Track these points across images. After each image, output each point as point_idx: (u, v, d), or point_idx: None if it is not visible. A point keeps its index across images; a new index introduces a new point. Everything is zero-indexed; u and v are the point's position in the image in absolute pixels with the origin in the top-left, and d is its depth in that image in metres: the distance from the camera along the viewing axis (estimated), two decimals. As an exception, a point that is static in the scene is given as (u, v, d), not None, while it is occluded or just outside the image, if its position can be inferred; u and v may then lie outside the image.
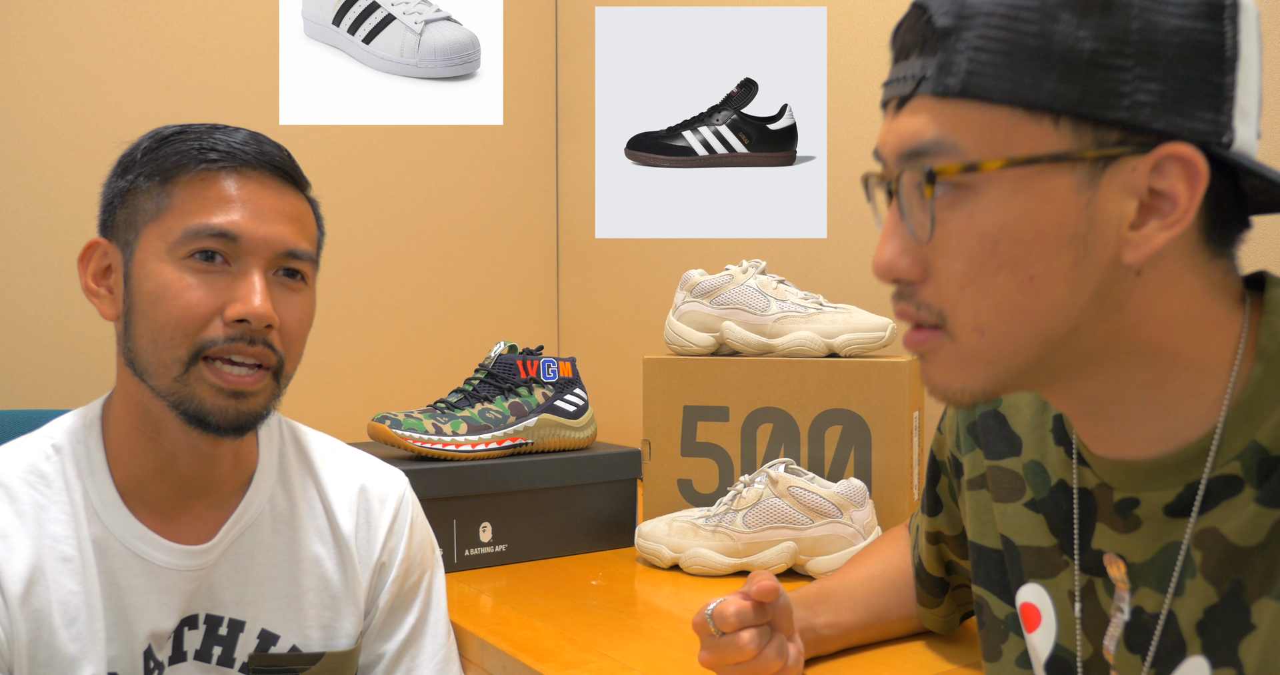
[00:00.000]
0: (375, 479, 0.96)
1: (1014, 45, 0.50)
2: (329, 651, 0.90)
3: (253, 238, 0.79)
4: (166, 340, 0.78)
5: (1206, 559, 0.55)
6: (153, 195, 0.80)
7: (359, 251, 1.85)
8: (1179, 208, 0.51)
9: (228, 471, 0.87)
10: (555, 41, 2.11)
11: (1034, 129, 0.51)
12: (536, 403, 1.31)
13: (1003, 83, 0.50)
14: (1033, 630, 0.68)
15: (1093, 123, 0.50)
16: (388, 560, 0.94)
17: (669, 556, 1.19)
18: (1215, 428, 0.55)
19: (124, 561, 0.81)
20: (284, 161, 0.84)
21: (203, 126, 0.83)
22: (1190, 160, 0.50)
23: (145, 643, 0.81)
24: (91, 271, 0.84)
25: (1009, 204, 0.51)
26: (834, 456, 1.22)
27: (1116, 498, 0.60)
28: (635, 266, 1.92)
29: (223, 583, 0.86)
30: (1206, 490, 0.55)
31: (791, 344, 1.24)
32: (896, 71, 0.56)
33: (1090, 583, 0.64)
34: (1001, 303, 0.52)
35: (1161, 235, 0.51)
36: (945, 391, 0.57)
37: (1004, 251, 0.51)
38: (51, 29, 1.55)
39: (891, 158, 0.56)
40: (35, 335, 1.52)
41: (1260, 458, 0.54)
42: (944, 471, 0.82)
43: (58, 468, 0.82)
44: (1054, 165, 0.50)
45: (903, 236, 0.55)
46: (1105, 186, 0.51)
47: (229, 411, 0.79)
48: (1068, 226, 0.51)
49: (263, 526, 0.88)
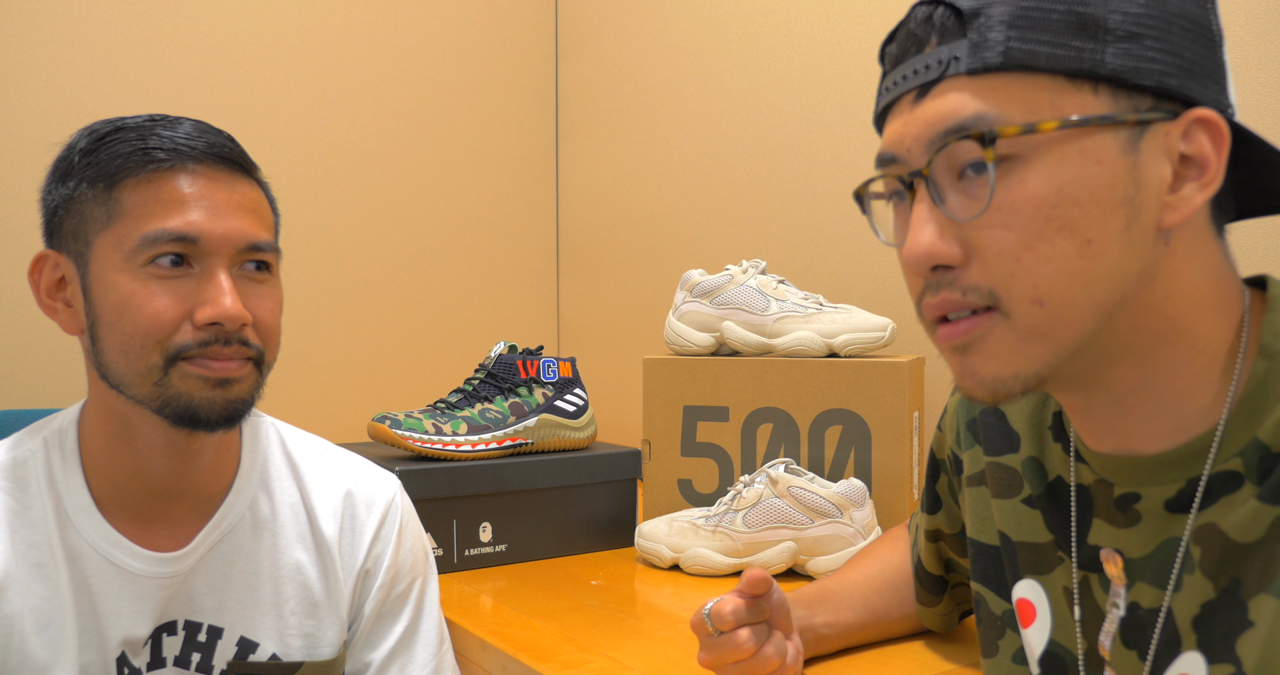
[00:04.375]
0: (363, 483, 0.94)
1: (1046, 17, 0.52)
2: (310, 661, 0.88)
3: (212, 236, 0.77)
4: (138, 350, 0.76)
5: (1205, 555, 0.56)
6: (100, 202, 0.77)
7: (359, 251, 1.85)
8: (1210, 169, 0.53)
9: (207, 474, 0.85)
10: (555, 41, 2.11)
11: (1076, 96, 0.52)
12: (536, 403, 1.31)
13: (1044, 52, 0.52)
14: (1028, 626, 0.68)
15: (1128, 90, 0.52)
16: (373, 567, 0.92)
17: (669, 556, 1.19)
18: (1219, 423, 0.55)
19: (97, 567, 0.80)
20: (231, 151, 0.80)
21: (139, 120, 0.79)
22: (1215, 123, 0.53)
23: (119, 649, 0.80)
24: (44, 286, 0.81)
25: (1062, 168, 0.52)
26: (834, 456, 1.22)
27: (1116, 493, 0.61)
28: (635, 266, 1.92)
29: (201, 589, 0.84)
30: (1207, 486, 0.56)
31: (791, 344, 1.24)
32: (907, 68, 0.56)
33: (1086, 579, 0.64)
34: (1061, 268, 0.52)
35: (1199, 196, 0.53)
36: (996, 382, 0.55)
37: (1061, 214, 0.52)
38: (51, 29, 1.55)
39: (919, 145, 0.55)
40: (35, 335, 1.52)
41: (1261, 454, 0.54)
42: (944, 469, 0.82)
43: (33, 473, 0.81)
44: (1101, 128, 0.52)
45: (938, 222, 0.55)
46: (1145, 150, 0.53)
47: (217, 402, 0.77)
48: (1118, 188, 0.52)
49: (243, 532, 0.87)
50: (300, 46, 1.78)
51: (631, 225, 1.93)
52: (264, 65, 1.74)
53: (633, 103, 1.91)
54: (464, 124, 1.98)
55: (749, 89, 1.65)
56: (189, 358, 0.76)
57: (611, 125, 1.97)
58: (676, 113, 1.81)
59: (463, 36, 1.98)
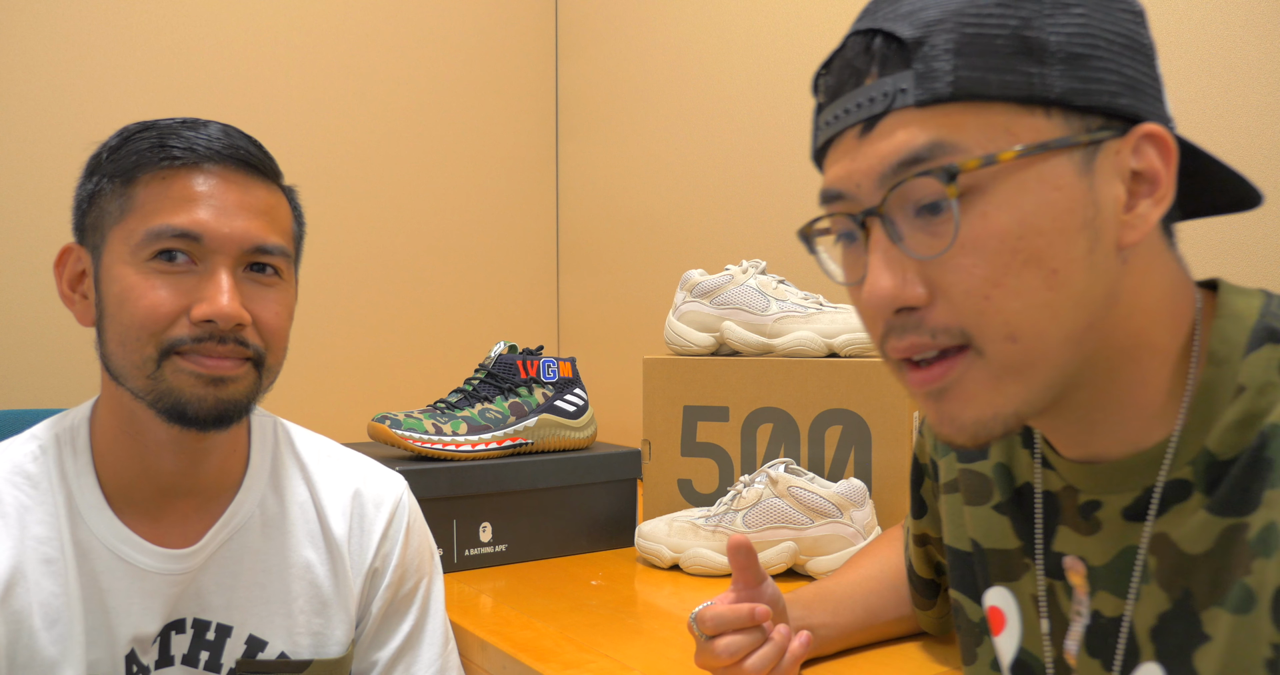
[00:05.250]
0: (371, 482, 0.95)
1: (991, 43, 0.50)
2: (318, 659, 0.88)
3: (216, 235, 0.77)
4: (133, 341, 0.76)
5: (1160, 565, 0.55)
6: (116, 197, 0.78)
7: (359, 251, 1.86)
8: (1161, 184, 0.53)
9: (215, 471, 0.85)
10: (555, 41, 2.11)
11: (1030, 121, 0.51)
12: (536, 403, 1.31)
13: (994, 79, 0.50)
14: (998, 633, 0.68)
15: (1078, 111, 0.51)
16: (381, 566, 0.93)
17: (669, 556, 1.19)
18: (1174, 431, 0.55)
19: (107, 564, 0.80)
20: (251, 154, 0.81)
21: (170, 122, 0.80)
22: (1162, 137, 0.52)
23: (128, 646, 0.81)
24: (66, 277, 0.82)
25: (1023, 197, 0.50)
26: (834, 456, 1.22)
27: (1081, 500, 0.60)
28: (635, 266, 1.92)
29: (211, 587, 0.84)
30: (1162, 495, 0.55)
31: (791, 344, 1.24)
32: (848, 101, 0.54)
33: (1052, 586, 0.63)
34: (1031, 302, 0.51)
35: (1155, 212, 0.53)
36: (977, 426, 0.53)
37: (1026, 246, 0.50)
38: (51, 29, 1.55)
39: (870, 181, 0.53)
40: (35, 335, 1.52)
41: (1209, 463, 0.53)
42: (926, 474, 0.82)
43: (44, 469, 0.81)
44: (1057, 153, 0.51)
45: (897, 262, 0.53)
46: (1098, 171, 0.52)
47: (208, 400, 0.77)
48: (1079, 212, 0.51)
49: (252, 530, 0.87)
50: (300, 47, 1.78)
51: (631, 225, 1.93)
52: (264, 65, 1.74)
53: (633, 103, 1.91)
54: (464, 124, 1.98)
55: (749, 89, 1.65)
56: (182, 352, 0.76)
57: (611, 125, 1.97)
58: (676, 113, 1.81)
59: (463, 36, 1.98)
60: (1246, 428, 0.52)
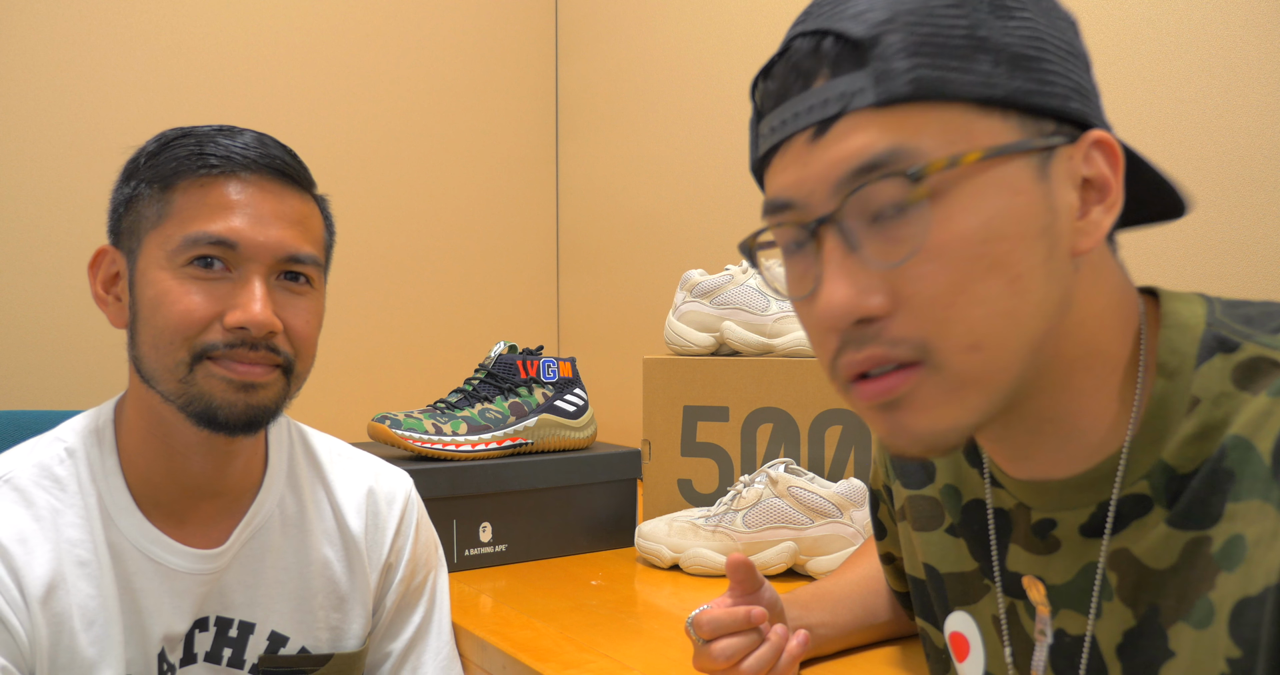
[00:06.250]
0: (382, 480, 0.97)
1: (948, 42, 0.48)
2: (337, 653, 0.91)
3: (251, 244, 0.79)
4: (166, 344, 0.77)
5: (1122, 581, 0.54)
6: (154, 202, 0.79)
7: (359, 251, 1.86)
8: (1111, 190, 0.52)
9: (240, 473, 0.87)
10: (555, 41, 2.11)
11: (988, 123, 0.49)
12: (536, 403, 1.31)
13: (954, 78, 0.48)
14: (963, 660, 0.66)
15: (1033, 114, 0.50)
16: (395, 561, 0.95)
17: (669, 556, 1.19)
18: (1123, 445, 0.54)
19: (139, 565, 0.81)
20: (286, 164, 0.82)
21: (207, 129, 0.82)
22: (1110, 144, 0.52)
23: (159, 645, 0.82)
24: (101, 279, 0.84)
25: (985, 201, 0.48)
26: (834, 456, 1.22)
27: (1034, 519, 0.59)
28: (635, 266, 1.92)
29: (234, 585, 0.86)
30: (1118, 510, 0.54)
31: (791, 344, 1.24)
32: (797, 104, 0.51)
33: (1013, 605, 0.62)
34: (994, 309, 0.49)
35: (1106, 219, 0.52)
36: (932, 436, 0.51)
37: (990, 251, 0.48)
38: (51, 29, 1.55)
39: (824, 188, 0.50)
40: (35, 335, 1.52)
41: (1168, 477, 0.52)
42: (881, 499, 0.81)
43: (71, 471, 0.81)
44: (1017, 156, 0.49)
45: (854, 271, 0.50)
46: (1053, 176, 0.51)
47: (238, 406, 0.79)
48: (1038, 218, 0.50)
49: (273, 529, 0.89)
50: (300, 47, 1.78)
51: (631, 225, 1.93)
52: (263, 65, 1.74)
53: (633, 103, 1.91)
54: (464, 124, 1.98)
55: (749, 89, 1.64)
56: (215, 357, 0.78)
57: (611, 125, 1.97)
58: (676, 113, 1.81)
59: (463, 36, 1.98)
60: (1205, 440, 0.51)
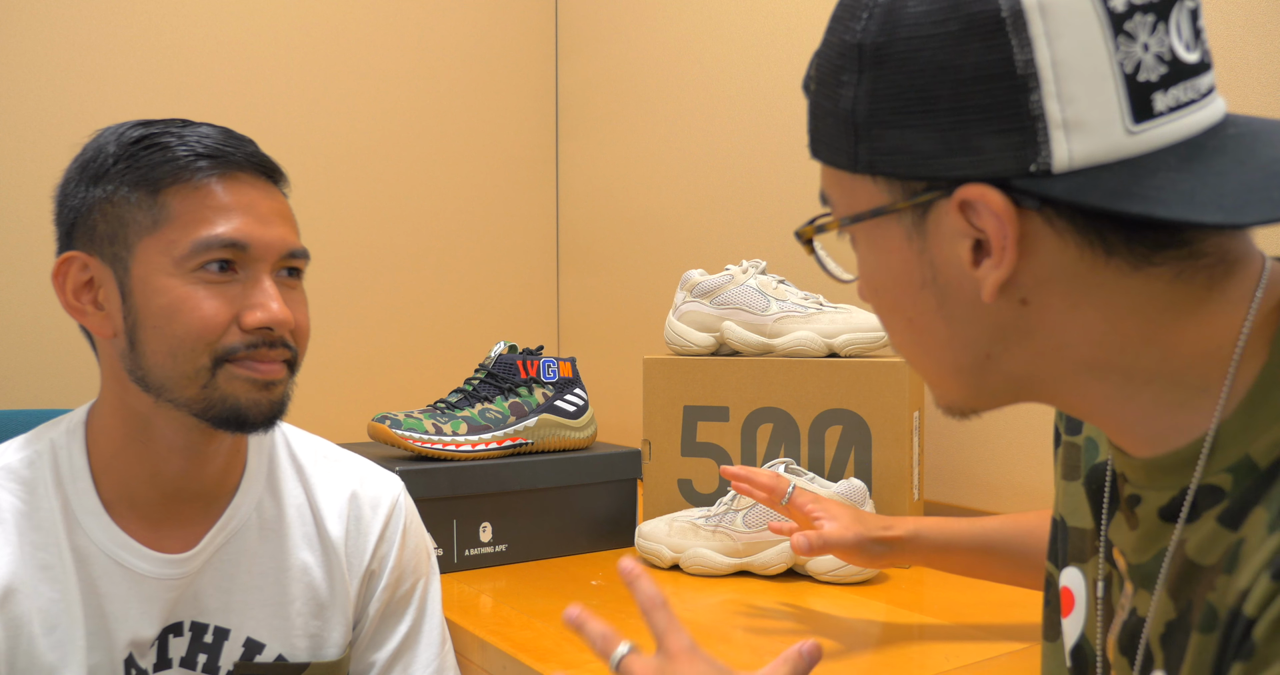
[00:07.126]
0: (368, 484, 0.94)
1: (823, 111, 0.53)
2: (315, 661, 0.88)
3: (259, 243, 0.79)
4: (187, 352, 0.77)
5: (1170, 572, 0.53)
6: (144, 207, 0.78)
7: (359, 251, 1.85)
8: (998, 247, 0.49)
9: (219, 473, 0.86)
10: (555, 41, 2.11)
11: (865, 186, 0.52)
12: (536, 403, 1.31)
13: (825, 147, 0.53)
14: (1067, 615, 0.65)
15: (899, 177, 0.50)
16: (378, 568, 0.93)
17: (669, 556, 1.19)
18: (1207, 434, 0.51)
19: (104, 569, 0.80)
20: (265, 159, 0.83)
21: (172, 125, 0.81)
22: (981, 202, 0.48)
23: (126, 651, 0.81)
24: (70, 288, 0.80)
25: (869, 256, 0.55)
26: (834, 456, 1.22)
27: (1127, 492, 0.57)
28: (635, 266, 1.92)
29: (208, 590, 0.85)
30: (1194, 499, 0.52)
31: (791, 344, 1.24)
32: None
33: (1110, 574, 0.61)
34: (904, 340, 0.56)
35: (995, 274, 0.49)
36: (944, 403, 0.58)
37: (883, 297, 0.55)
38: (51, 29, 1.55)
39: None
40: (35, 335, 1.52)
41: (1251, 472, 0.49)
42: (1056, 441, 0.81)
43: (39, 474, 0.81)
44: (886, 217, 0.52)
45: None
46: (931, 233, 0.51)
47: (263, 404, 0.80)
48: (915, 273, 0.52)
49: (249, 533, 0.87)
50: (299, 46, 1.78)
51: (631, 225, 1.93)
52: (263, 65, 1.74)
53: (633, 103, 1.91)
54: (464, 124, 1.98)
55: (749, 89, 1.65)
56: (236, 360, 0.78)
57: (611, 125, 1.97)
58: (676, 113, 1.81)
59: (463, 36, 1.97)
60: None
